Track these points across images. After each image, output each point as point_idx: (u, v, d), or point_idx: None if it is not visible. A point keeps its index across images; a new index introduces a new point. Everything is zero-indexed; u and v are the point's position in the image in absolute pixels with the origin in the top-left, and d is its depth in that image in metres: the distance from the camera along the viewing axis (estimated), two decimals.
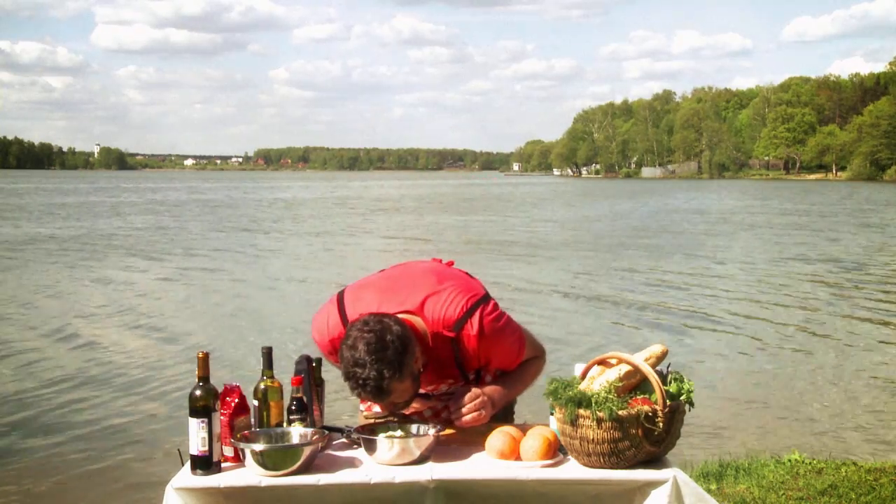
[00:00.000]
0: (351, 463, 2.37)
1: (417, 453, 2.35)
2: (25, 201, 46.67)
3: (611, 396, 2.28)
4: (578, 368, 2.55)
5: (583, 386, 2.39)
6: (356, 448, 2.49)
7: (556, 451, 2.39)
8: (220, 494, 2.25)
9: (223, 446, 2.36)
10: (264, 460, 2.25)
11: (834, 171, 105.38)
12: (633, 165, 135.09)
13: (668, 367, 2.48)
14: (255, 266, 18.20)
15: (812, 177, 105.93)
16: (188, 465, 2.33)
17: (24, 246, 21.69)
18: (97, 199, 51.01)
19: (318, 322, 2.69)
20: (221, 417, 2.36)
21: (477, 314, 2.58)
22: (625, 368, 2.38)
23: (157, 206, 43.96)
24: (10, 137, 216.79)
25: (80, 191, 64.95)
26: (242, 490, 2.25)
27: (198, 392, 2.32)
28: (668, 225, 30.77)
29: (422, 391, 2.65)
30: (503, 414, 2.89)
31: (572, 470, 2.33)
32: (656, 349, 2.47)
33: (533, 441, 2.38)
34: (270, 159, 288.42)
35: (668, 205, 45.57)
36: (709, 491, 4.34)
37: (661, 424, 2.27)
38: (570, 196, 60.17)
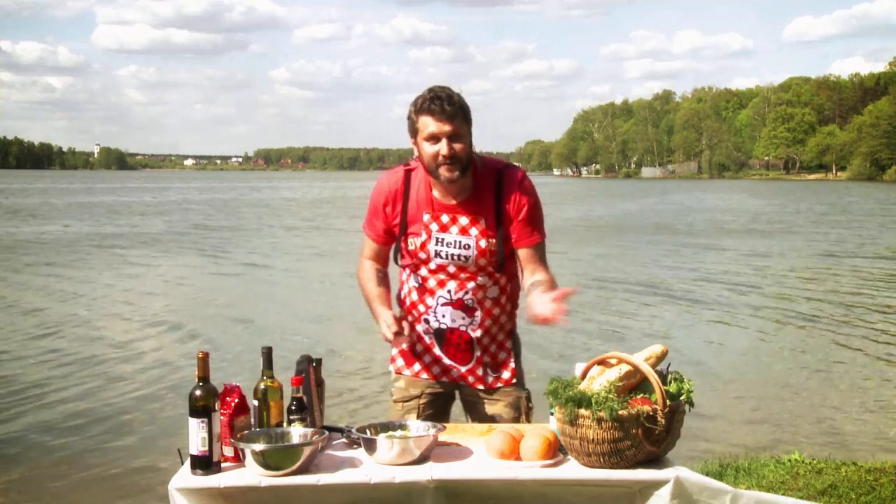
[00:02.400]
0: (351, 463, 2.37)
1: (417, 453, 2.35)
2: (39, 201, 46.68)
3: (611, 396, 2.28)
4: (579, 368, 2.55)
5: (583, 386, 2.39)
6: (356, 448, 2.49)
7: (556, 451, 2.39)
8: (220, 494, 2.25)
9: (223, 446, 2.36)
10: (264, 460, 2.25)
11: (834, 171, 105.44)
12: (632, 165, 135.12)
13: (668, 367, 2.48)
14: (256, 265, 18.19)
15: (812, 177, 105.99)
16: (188, 464, 2.33)
17: (23, 246, 21.71)
18: (115, 199, 51.02)
19: (379, 179, 3.10)
20: (221, 417, 2.36)
21: (524, 172, 3.04)
22: (625, 368, 2.38)
23: (162, 206, 43.97)
24: (10, 137, 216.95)
25: (92, 191, 64.92)
26: (242, 490, 2.25)
27: (198, 392, 2.32)
28: (691, 222, 30.78)
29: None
30: (516, 412, 3.04)
31: (572, 470, 2.33)
32: (656, 349, 2.47)
33: (533, 441, 2.38)
34: (270, 159, 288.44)
35: (688, 205, 45.55)
36: None
37: (661, 424, 2.27)
38: (575, 196, 60.18)
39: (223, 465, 2.35)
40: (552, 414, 2.48)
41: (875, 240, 24.58)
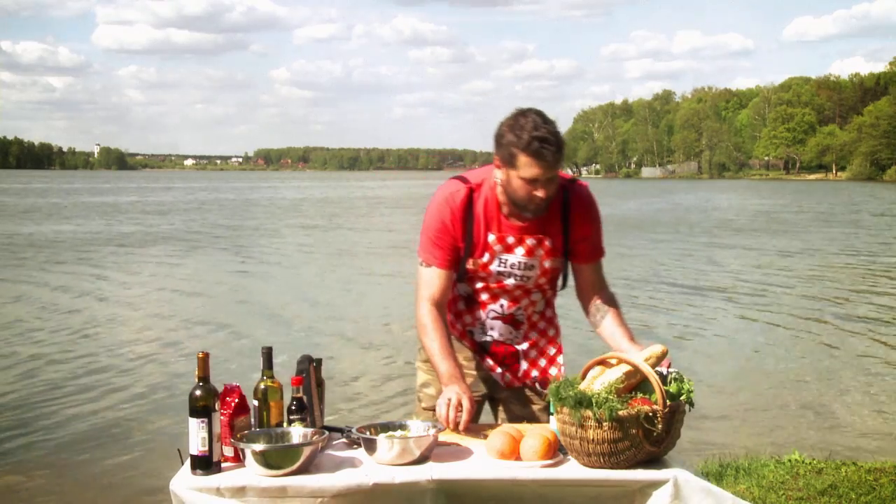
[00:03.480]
0: (351, 463, 2.37)
1: (417, 453, 2.35)
2: (50, 201, 46.69)
3: (611, 396, 2.28)
4: None
5: (583, 386, 2.39)
6: (356, 448, 2.49)
7: (556, 451, 2.39)
8: (219, 494, 2.25)
9: (223, 446, 2.36)
10: (264, 460, 2.25)
11: (834, 171, 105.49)
12: (632, 165, 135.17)
13: (668, 367, 2.48)
14: (257, 265, 18.20)
15: (812, 177, 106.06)
16: (188, 464, 2.33)
17: (29, 246, 21.71)
18: (136, 199, 51.05)
19: (440, 198, 2.87)
20: (221, 417, 2.36)
21: (588, 186, 2.94)
22: (625, 368, 2.38)
23: (161, 206, 43.99)
24: (10, 137, 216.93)
25: (105, 191, 64.93)
26: (242, 490, 2.25)
27: (198, 392, 2.32)
28: (700, 221, 30.79)
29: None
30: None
31: (572, 470, 2.33)
32: (656, 349, 2.47)
33: (533, 441, 2.38)
34: (270, 159, 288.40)
35: (694, 204, 45.57)
36: None
37: (660, 425, 2.27)
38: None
39: (223, 465, 2.35)
40: (552, 414, 2.48)
41: (885, 239, 24.56)
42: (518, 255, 2.85)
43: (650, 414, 2.26)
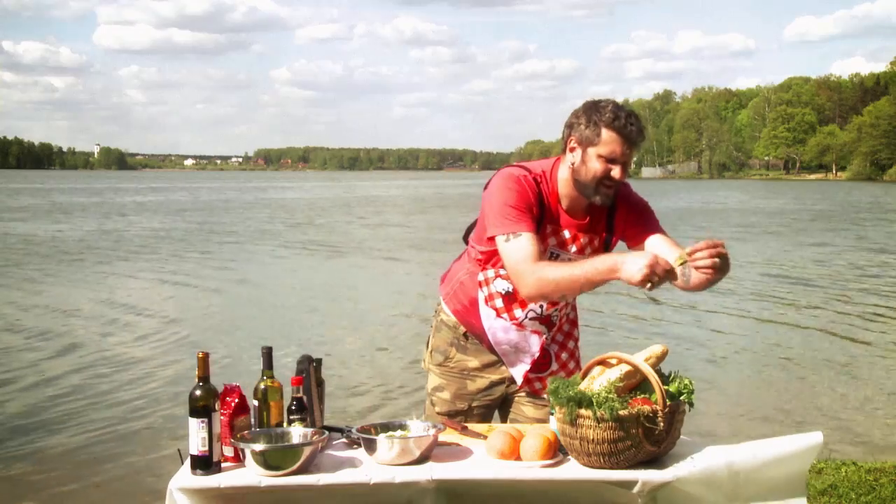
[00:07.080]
0: (351, 463, 2.37)
1: (417, 453, 2.35)
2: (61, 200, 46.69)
3: (611, 396, 2.28)
4: None
5: (583, 386, 2.39)
6: (356, 448, 2.49)
7: (556, 451, 2.39)
8: (219, 494, 2.25)
9: (223, 446, 2.36)
10: (264, 460, 2.25)
11: (834, 171, 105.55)
12: (632, 165, 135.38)
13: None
14: (257, 266, 18.19)
15: (812, 177, 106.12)
16: (188, 464, 2.33)
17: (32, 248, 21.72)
18: (157, 198, 51.06)
19: (507, 176, 2.79)
20: (221, 417, 2.36)
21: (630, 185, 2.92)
22: (625, 368, 2.38)
23: (167, 206, 44.00)
24: (10, 137, 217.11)
25: (127, 191, 64.96)
26: (242, 490, 2.25)
27: (198, 392, 2.32)
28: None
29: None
30: None
31: (572, 470, 2.33)
32: (656, 349, 2.47)
33: (533, 441, 2.38)
34: (270, 159, 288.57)
35: (702, 203, 45.58)
36: None
37: (660, 424, 2.27)
38: None
39: (223, 465, 2.35)
40: (552, 414, 2.49)
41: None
42: (570, 252, 2.84)
43: (650, 414, 2.26)
